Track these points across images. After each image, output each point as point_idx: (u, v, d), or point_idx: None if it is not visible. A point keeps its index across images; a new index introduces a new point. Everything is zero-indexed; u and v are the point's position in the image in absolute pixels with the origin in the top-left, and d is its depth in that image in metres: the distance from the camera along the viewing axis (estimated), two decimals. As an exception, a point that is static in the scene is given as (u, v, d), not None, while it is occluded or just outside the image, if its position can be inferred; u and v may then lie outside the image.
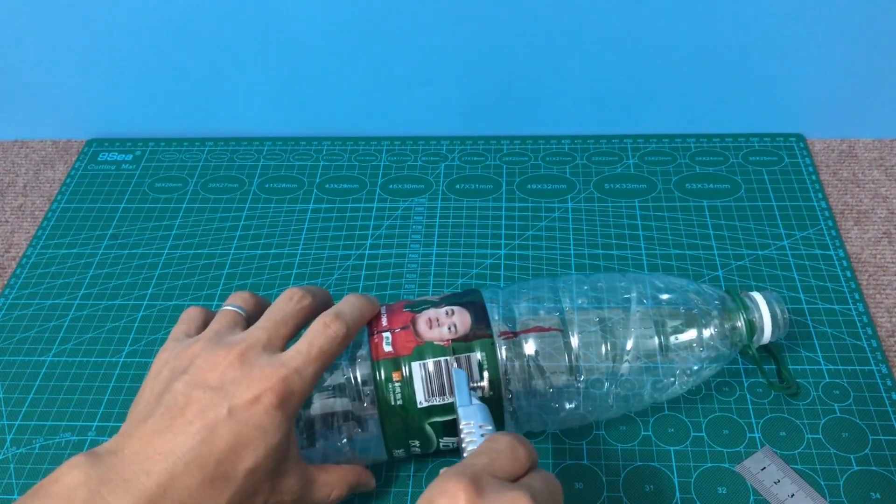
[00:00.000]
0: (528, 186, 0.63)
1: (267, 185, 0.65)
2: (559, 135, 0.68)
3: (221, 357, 0.38)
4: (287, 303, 0.41)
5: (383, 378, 0.41)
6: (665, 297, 0.45)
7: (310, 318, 0.42)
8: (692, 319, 0.44)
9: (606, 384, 0.43)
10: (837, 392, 0.48)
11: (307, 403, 0.41)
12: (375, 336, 0.42)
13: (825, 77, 0.63)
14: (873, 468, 0.45)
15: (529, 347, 0.42)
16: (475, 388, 0.42)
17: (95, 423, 0.50)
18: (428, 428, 0.42)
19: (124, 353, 0.54)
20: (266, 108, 0.68)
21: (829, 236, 0.58)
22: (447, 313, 0.43)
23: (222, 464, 0.35)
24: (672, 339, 0.44)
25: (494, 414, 0.41)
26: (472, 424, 0.39)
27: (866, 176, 0.63)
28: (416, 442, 0.43)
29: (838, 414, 0.47)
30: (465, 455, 0.37)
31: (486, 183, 0.64)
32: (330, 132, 0.69)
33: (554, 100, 0.66)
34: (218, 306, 0.56)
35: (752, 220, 0.59)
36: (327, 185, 0.65)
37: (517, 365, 0.42)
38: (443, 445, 0.43)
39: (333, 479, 0.41)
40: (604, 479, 0.45)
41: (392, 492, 0.45)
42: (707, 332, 0.44)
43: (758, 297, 0.47)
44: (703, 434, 0.47)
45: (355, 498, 0.45)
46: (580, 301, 0.44)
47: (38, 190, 0.67)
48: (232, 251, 0.60)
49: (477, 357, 0.42)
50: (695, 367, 0.44)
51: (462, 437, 0.39)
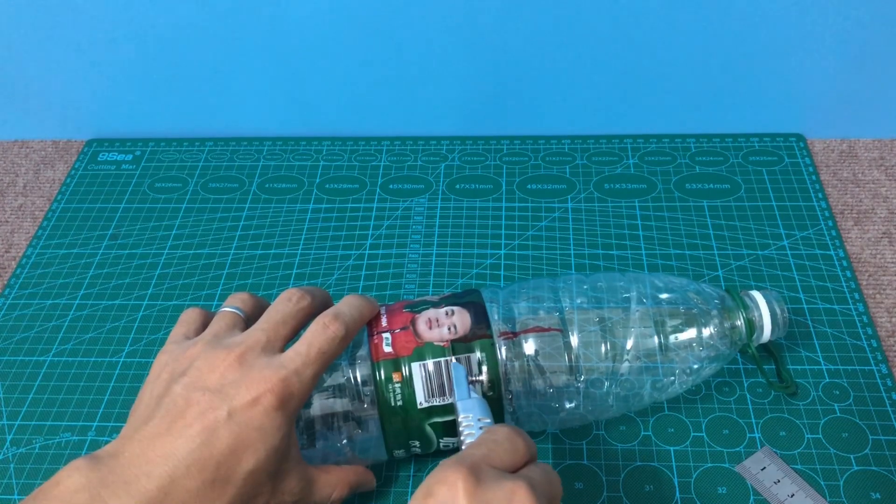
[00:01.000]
0: (528, 186, 0.63)
1: (267, 185, 0.65)
2: (559, 135, 0.68)
3: (220, 359, 0.38)
4: (286, 303, 0.41)
5: (383, 379, 0.41)
6: (665, 296, 0.45)
7: (309, 319, 0.42)
8: (692, 319, 0.44)
9: (606, 384, 0.43)
10: (837, 392, 0.48)
11: (307, 404, 0.41)
12: (375, 337, 0.42)
13: (825, 77, 0.63)
14: (873, 468, 0.45)
15: (529, 347, 0.42)
16: (474, 382, 0.42)
17: (95, 423, 0.50)
18: (428, 428, 0.42)
19: (124, 353, 0.54)
20: (266, 108, 0.68)
21: (829, 236, 0.58)
22: (447, 314, 0.43)
23: (222, 466, 0.35)
24: (672, 338, 0.44)
25: (495, 414, 0.41)
26: (471, 417, 0.39)
27: (866, 176, 0.63)
28: (417, 442, 0.43)
29: (838, 414, 0.47)
30: (463, 448, 0.37)
31: (486, 183, 0.64)
32: (330, 132, 0.69)
33: (554, 100, 0.66)
34: (218, 306, 0.56)
35: (752, 220, 0.59)
36: (327, 185, 0.65)
37: (517, 365, 0.42)
38: (443, 446, 0.43)
39: (334, 480, 0.41)
40: (604, 479, 0.45)
41: (392, 491, 0.45)
42: (707, 332, 0.44)
43: (757, 296, 0.47)
44: (703, 434, 0.47)
45: (355, 498, 0.45)
46: (580, 301, 0.44)
47: (38, 190, 0.67)
48: (232, 251, 0.60)
49: (477, 357, 0.42)
50: (694, 367, 0.44)
51: (461, 430, 0.39)
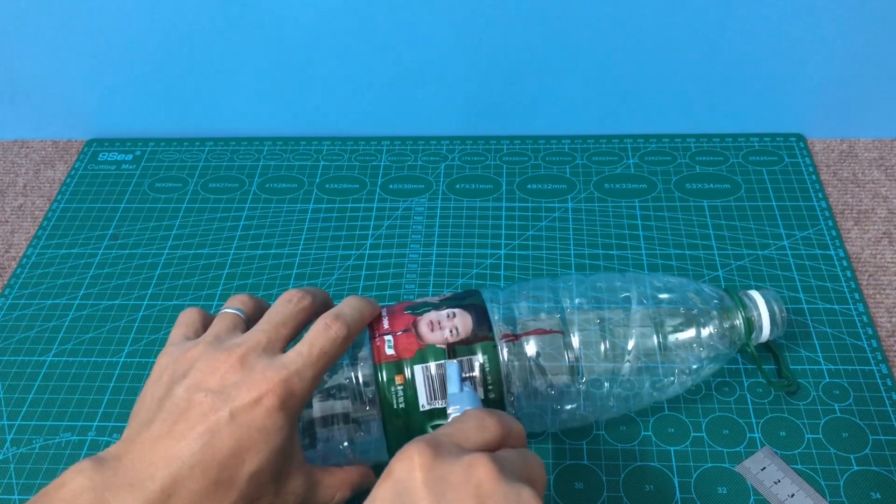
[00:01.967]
0: (528, 186, 0.63)
1: (267, 185, 0.65)
2: (559, 135, 0.68)
3: (222, 360, 0.38)
4: (286, 304, 0.41)
5: (385, 381, 0.41)
6: (664, 296, 0.45)
7: (310, 320, 0.41)
8: (691, 319, 0.44)
9: (607, 384, 0.43)
10: (837, 392, 0.48)
11: (308, 405, 0.41)
12: (377, 339, 0.42)
13: (825, 77, 0.63)
14: (873, 468, 0.45)
15: (531, 349, 0.42)
16: (466, 378, 0.41)
17: (95, 423, 0.50)
18: (430, 430, 0.42)
19: (124, 353, 0.54)
20: (266, 108, 0.68)
21: (829, 236, 0.58)
22: (448, 316, 0.43)
23: (226, 468, 0.35)
24: (672, 338, 0.44)
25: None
26: (459, 409, 0.39)
27: (866, 176, 0.63)
28: None
29: (838, 414, 0.47)
30: None
31: (486, 183, 0.64)
32: (330, 132, 0.69)
33: (554, 100, 0.66)
34: (218, 306, 0.56)
35: (752, 220, 0.59)
36: (327, 185, 0.65)
37: (519, 367, 0.42)
38: None
39: (337, 481, 0.41)
40: (604, 479, 0.45)
41: (392, 492, 0.45)
42: (706, 332, 0.44)
43: (756, 295, 0.47)
44: (704, 434, 0.47)
45: (356, 499, 0.45)
46: (580, 301, 0.44)
47: (38, 190, 0.67)
48: (232, 251, 0.60)
49: (479, 359, 0.42)
50: (694, 367, 0.44)
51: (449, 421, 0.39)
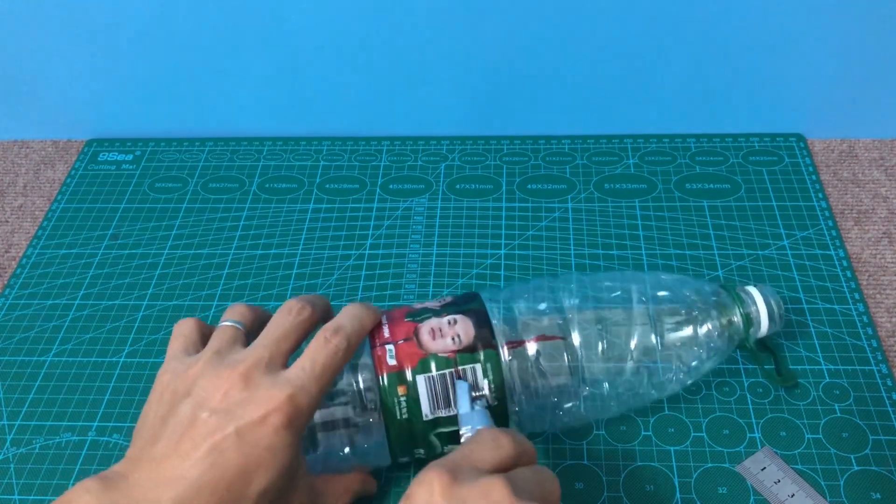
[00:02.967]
0: (528, 186, 0.63)
1: (267, 185, 0.65)
2: (559, 135, 0.68)
3: (225, 378, 0.37)
4: (286, 316, 0.40)
5: (388, 392, 0.41)
6: (663, 294, 0.45)
7: (310, 331, 0.41)
8: (690, 316, 0.44)
9: (607, 385, 0.43)
10: (838, 392, 0.48)
11: None
12: (378, 348, 0.42)
13: (825, 77, 0.63)
14: (873, 468, 0.45)
15: (534, 354, 0.42)
16: (477, 397, 0.41)
17: (95, 424, 0.50)
18: (433, 438, 0.42)
19: (124, 353, 0.54)
20: (266, 108, 0.68)
21: (829, 236, 0.58)
22: (450, 322, 0.42)
23: (233, 487, 0.35)
24: (671, 336, 0.44)
25: (499, 419, 0.41)
26: (471, 429, 0.39)
27: (866, 176, 0.63)
28: (422, 450, 0.43)
29: (838, 414, 0.47)
30: None
31: (486, 183, 0.64)
32: (330, 132, 0.69)
33: (554, 100, 0.66)
34: (218, 306, 0.56)
35: (752, 220, 0.59)
36: (327, 185, 0.65)
37: (521, 372, 0.42)
38: (447, 451, 0.43)
39: (338, 489, 0.41)
40: (604, 479, 0.45)
41: (392, 492, 0.45)
42: (705, 328, 0.44)
43: (754, 291, 0.47)
44: (704, 434, 0.47)
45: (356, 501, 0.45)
46: (580, 302, 0.44)
47: (38, 190, 0.67)
48: (232, 251, 0.60)
49: (482, 367, 0.41)
50: (694, 364, 0.45)
51: (462, 442, 0.39)
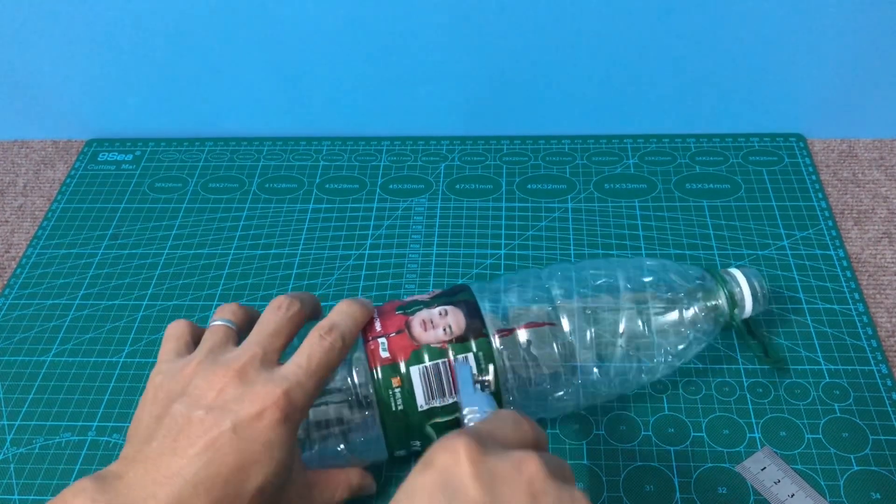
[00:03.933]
0: (528, 186, 0.63)
1: (267, 185, 0.65)
2: (559, 135, 0.68)
3: (219, 376, 0.37)
4: (276, 313, 0.41)
5: (382, 384, 0.41)
6: (649, 279, 0.46)
7: (301, 326, 0.41)
8: (677, 300, 0.45)
9: (598, 370, 0.44)
10: (837, 392, 0.48)
11: None
12: (371, 342, 0.42)
13: (825, 77, 0.63)
14: (873, 468, 0.45)
15: (525, 342, 0.43)
16: (479, 381, 0.41)
17: (95, 424, 0.50)
18: (429, 429, 0.42)
19: (124, 353, 0.54)
20: (266, 108, 0.68)
21: (829, 236, 0.58)
22: (440, 314, 0.43)
23: (230, 484, 0.35)
24: (659, 320, 0.44)
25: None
26: (477, 410, 0.38)
27: (866, 176, 0.63)
28: (418, 442, 0.43)
29: (838, 414, 0.47)
30: None
31: (486, 183, 0.64)
32: (330, 132, 0.69)
33: (554, 100, 0.66)
34: (218, 306, 0.56)
35: (752, 220, 0.59)
36: (327, 185, 0.65)
37: (514, 360, 0.42)
38: None
39: (334, 483, 0.41)
40: (604, 479, 0.45)
41: (392, 492, 0.45)
42: (691, 312, 0.45)
43: (737, 272, 0.48)
44: (704, 434, 0.47)
45: (357, 500, 0.45)
46: (567, 290, 0.45)
47: (38, 190, 0.67)
48: (232, 251, 0.60)
49: (475, 356, 0.42)
50: (681, 347, 0.45)
51: (466, 423, 0.39)
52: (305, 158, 0.67)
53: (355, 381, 0.41)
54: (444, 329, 0.42)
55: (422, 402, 0.41)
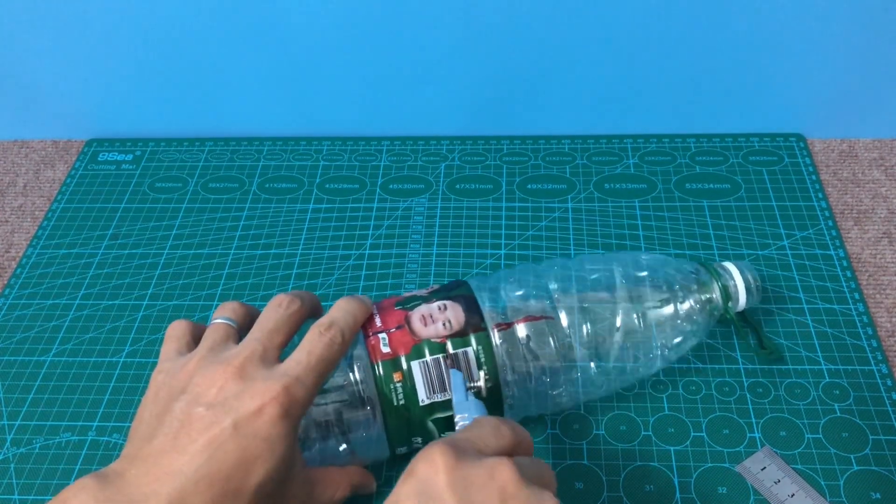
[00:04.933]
0: (528, 186, 0.63)
1: (267, 185, 0.65)
2: (559, 135, 0.68)
3: (220, 373, 0.37)
4: (276, 310, 0.41)
5: (384, 379, 0.41)
6: (644, 274, 0.46)
7: (300, 323, 0.41)
8: (672, 294, 0.46)
9: (594, 364, 0.44)
10: (837, 392, 0.48)
11: None
12: (371, 338, 0.42)
13: (825, 77, 0.63)
14: (873, 468, 0.45)
15: (522, 335, 0.43)
16: (472, 387, 0.42)
17: (95, 424, 0.50)
18: (430, 424, 0.42)
19: (124, 353, 0.54)
20: (266, 108, 0.68)
21: (829, 236, 0.58)
22: (440, 308, 0.43)
23: (232, 480, 0.35)
24: (655, 313, 0.45)
25: (494, 403, 0.42)
26: (466, 417, 0.39)
27: (866, 176, 0.63)
28: (419, 438, 0.43)
29: (838, 414, 0.47)
30: None
31: (486, 183, 0.64)
32: (330, 132, 0.69)
33: (554, 100, 0.66)
34: (218, 306, 0.56)
35: (752, 220, 0.59)
36: (327, 185, 0.65)
37: (513, 355, 0.43)
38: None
39: (336, 480, 0.41)
40: (604, 479, 0.45)
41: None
42: (687, 305, 0.46)
43: (730, 266, 0.49)
44: (704, 434, 0.47)
45: (357, 500, 0.45)
46: (565, 284, 0.45)
47: (38, 190, 0.67)
48: (232, 251, 0.60)
49: (474, 350, 0.42)
50: (677, 340, 0.46)
51: (458, 429, 0.39)
52: (305, 158, 0.68)
53: (356, 378, 0.41)
54: (444, 324, 0.43)
55: (423, 397, 0.41)
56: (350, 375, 0.41)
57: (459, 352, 0.42)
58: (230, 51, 0.64)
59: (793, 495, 0.43)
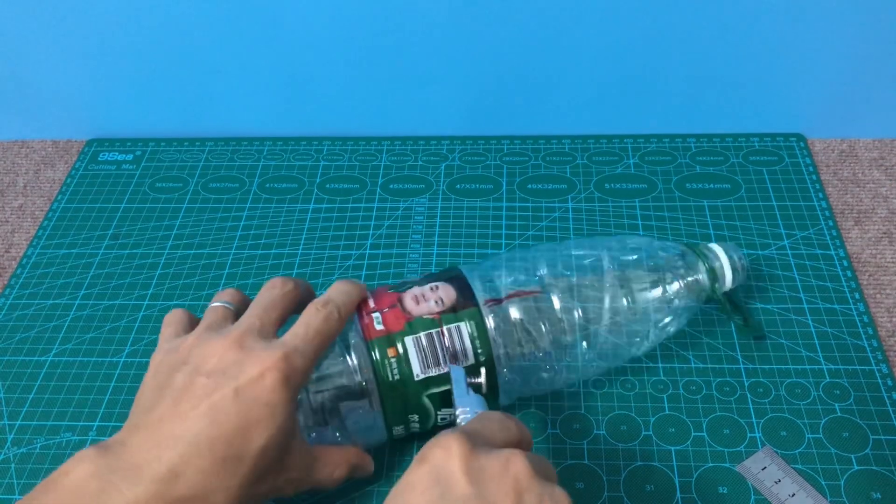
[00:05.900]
0: (529, 186, 0.64)
1: (267, 185, 0.65)
2: (559, 135, 0.68)
3: (219, 345, 0.38)
4: (272, 290, 0.42)
5: (379, 356, 0.42)
6: (633, 256, 0.47)
7: (295, 303, 0.42)
8: (660, 275, 0.47)
9: (585, 343, 0.45)
10: (838, 392, 0.48)
11: (304, 389, 0.41)
12: (366, 317, 0.43)
13: (825, 77, 0.63)
14: (874, 468, 0.45)
15: (515, 312, 0.44)
16: (472, 383, 0.43)
17: (96, 423, 0.50)
18: (426, 400, 0.43)
19: (124, 353, 0.54)
20: (266, 108, 0.68)
21: (830, 236, 0.58)
22: (432, 288, 0.44)
23: (233, 445, 0.35)
24: (643, 295, 0.46)
25: (489, 381, 0.43)
26: (468, 411, 0.40)
27: (866, 176, 0.63)
28: (416, 416, 0.43)
29: (839, 414, 0.47)
30: None
31: (486, 183, 0.64)
32: (330, 132, 0.69)
33: (554, 100, 0.66)
34: (215, 294, 0.56)
35: (752, 220, 0.60)
36: (327, 185, 0.65)
37: (505, 330, 0.43)
38: (440, 419, 0.44)
39: (335, 458, 0.41)
40: (605, 479, 0.45)
41: (393, 479, 0.45)
42: (674, 286, 0.47)
43: (716, 247, 0.50)
44: (704, 434, 0.47)
45: (357, 498, 0.45)
46: (555, 267, 0.46)
47: (38, 190, 0.67)
48: (232, 251, 0.60)
49: (466, 326, 0.43)
50: (666, 320, 0.47)
51: (459, 423, 0.40)
52: (306, 158, 0.68)
53: (353, 359, 0.42)
54: (436, 301, 0.44)
55: (418, 371, 0.42)
56: (346, 356, 0.42)
57: (452, 327, 0.43)
58: (230, 51, 0.64)
59: (793, 495, 0.43)
